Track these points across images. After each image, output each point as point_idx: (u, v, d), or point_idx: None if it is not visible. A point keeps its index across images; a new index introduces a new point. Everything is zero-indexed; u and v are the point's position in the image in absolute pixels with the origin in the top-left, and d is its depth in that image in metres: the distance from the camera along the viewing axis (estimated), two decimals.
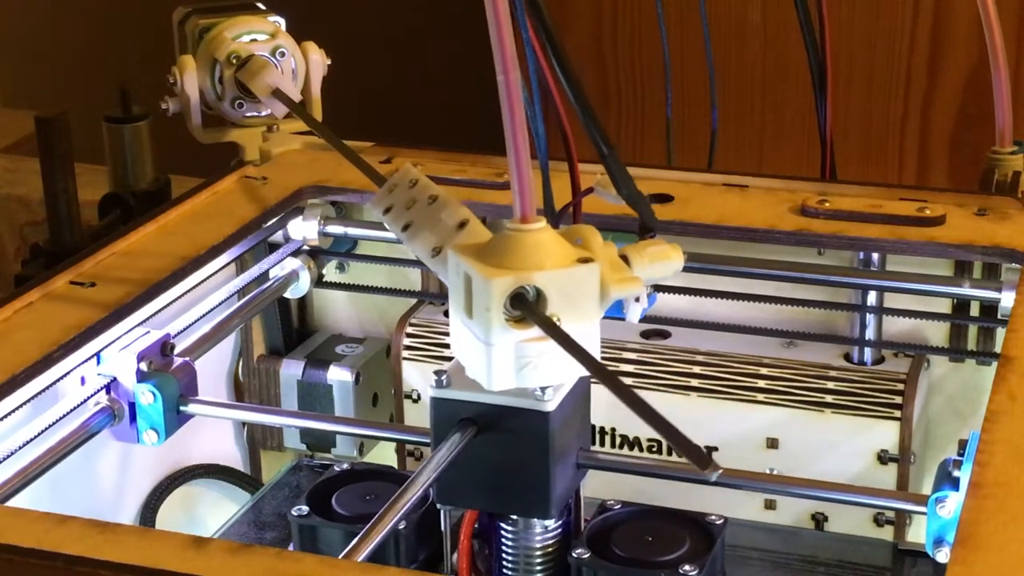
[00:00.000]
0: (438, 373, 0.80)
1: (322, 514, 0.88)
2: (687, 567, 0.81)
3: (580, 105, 0.78)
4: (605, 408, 0.83)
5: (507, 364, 0.71)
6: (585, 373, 0.72)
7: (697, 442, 1.03)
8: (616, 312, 0.75)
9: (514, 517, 0.83)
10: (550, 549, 0.84)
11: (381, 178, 0.96)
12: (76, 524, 0.73)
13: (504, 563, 0.84)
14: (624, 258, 0.77)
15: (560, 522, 0.84)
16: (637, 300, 0.75)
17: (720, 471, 0.64)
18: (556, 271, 0.70)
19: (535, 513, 0.82)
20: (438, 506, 0.83)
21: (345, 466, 0.93)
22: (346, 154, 1.02)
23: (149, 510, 1.04)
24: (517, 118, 0.68)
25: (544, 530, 0.83)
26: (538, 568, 0.84)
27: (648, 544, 0.83)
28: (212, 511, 1.11)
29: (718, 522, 0.85)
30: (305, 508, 0.88)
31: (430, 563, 0.87)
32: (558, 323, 0.70)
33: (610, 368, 0.81)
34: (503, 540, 0.84)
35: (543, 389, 0.78)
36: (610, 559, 0.82)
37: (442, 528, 0.84)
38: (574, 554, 0.82)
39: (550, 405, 0.78)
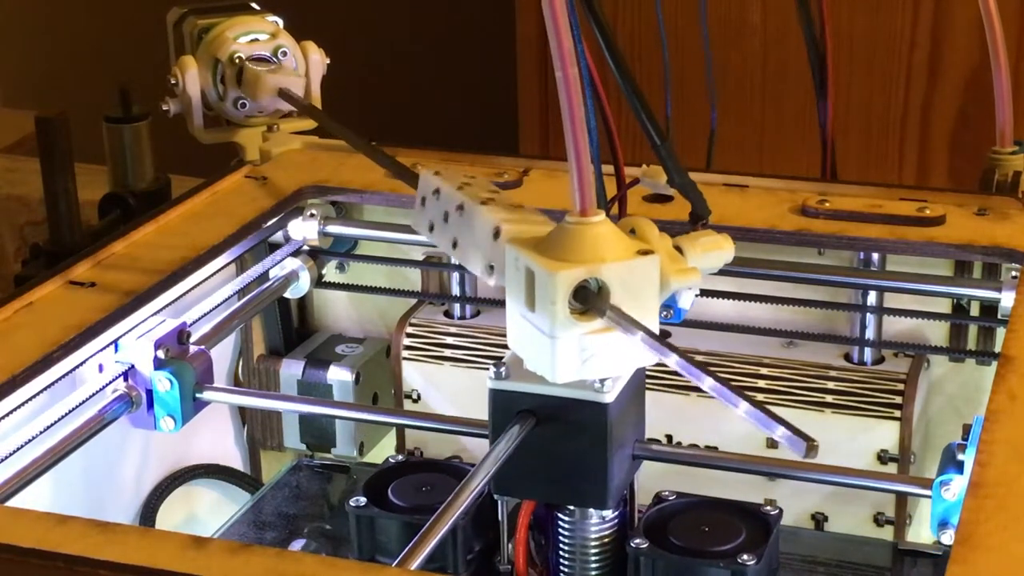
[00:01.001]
0: (496, 365, 0.81)
1: (379, 505, 0.89)
2: (745, 556, 0.81)
3: (635, 97, 0.79)
4: None
5: (572, 357, 0.72)
6: (645, 363, 0.73)
7: (697, 442, 1.04)
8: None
9: (571, 508, 0.84)
10: (607, 539, 0.84)
11: (401, 167, 0.96)
12: (76, 524, 0.73)
13: (561, 553, 0.85)
14: (678, 249, 0.78)
15: (616, 513, 0.84)
16: (690, 288, 0.76)
17: (817, 446, 0.64)
18: (619, 263, 0.71)
19: (593, 504, 0.82)
20: (495, 497, 0.84)
21: (400, 458, 0.93)
22: (366, 150, 1.02)
23: (149, 510, 1.04)
24: (576, 113, 0.69)
25: (601, 520, 0.84)
26: (594, 558, 0.84)
27: (705, 534, 0.84)
28: (212, 511, 1.11)
29: (773, 513, 0.85)
30: (363, 499, 0.89)
31: (486, 553, 0.88)
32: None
33: None
34: (560, 531, 0.84)
35: (602, 381, 0.78)
36: (668, 549, 0.83)
37: (499, 519, 0.85)
38: (633, 544, 0.83)
39: (609, 396, 0.79)
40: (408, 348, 1.10)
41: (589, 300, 0.71)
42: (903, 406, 1.00)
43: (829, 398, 1.01)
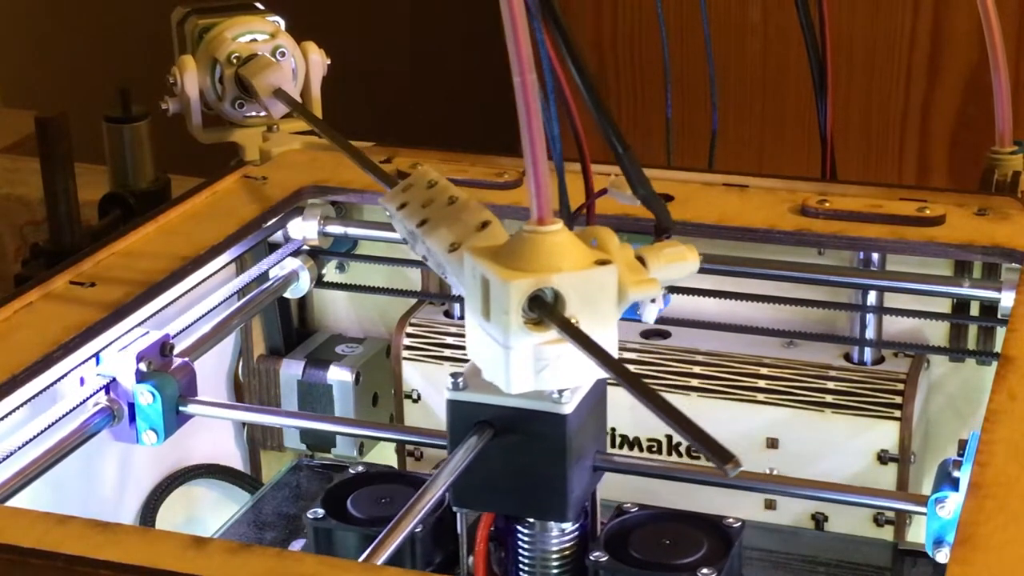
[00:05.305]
0: (454, 375, 0.80)
1: (337, 516, 0.88)
2: (705, 570, 0.80)
3: (595, 105, 0.78)
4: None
5: (526, 367, 0.71)
6: (603, 375, 0.72)
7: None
8: (629, 313, 0.75)
9: (531, 520, 0.83)
10: (567, 552, 0.83)
11: (387, 176, 0.97)
12: (76, 524, 0.73)
13: (521, 566, 0.84)
14: (640, 259, 0.77)
15: (577, 525, 0.83)
16: (653, 301, 0.75)
17: (741, 467, 0.63)
18: (574, 273, 0.70)
19: (552, 516, 0.81)
20: (454, 509, 0.83)
21: (360, 468, 0.93)
22: (351, 153, 1.02)
23: (149, 510, 1.04)
24: (534, 120, 0.68)
25: (561, 533, 0.83)
26: (555, 571, 0.83)
27: (666, 547, 0.83)
28: (212, 511, 1.11)
29: (735, 525, 0.84)
30: (320, 511, 0.88)
31: (446, 566, 0.87)
32: (576, 325, 0.70)
33: None
34: (520, 543, 0.83)
35: (560, 392, 0.77)
36: (628, 562, 0.82)
37: (458, 531, 0.84)
38: (592, 557, 0.82)
39: (567, 408, 0.78)
40: (408, 348, 1.10)
41: (543, 310, 0.69)
42: (903, 406, 1.00)
43: (829, 398, 1.01)
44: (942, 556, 0.79)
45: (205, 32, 1.16)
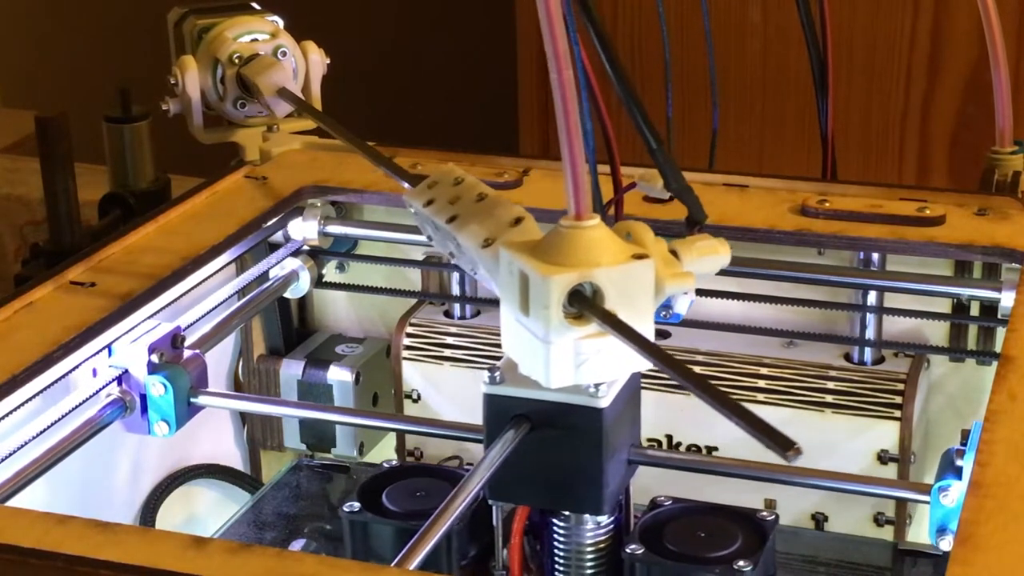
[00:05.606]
0: (491, 369, 0.80)
1: (373, 510, 0.88)
2: (741, 563, 0.81)
3: (630, 101, 0.78)
4: None
5: (565, 361, 0.71)
6: (640, 368, 0.73)
7: (698, 442, 1.04)
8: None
9: (567, 513, 0.83)
10: (602, 545, 0.84)
11: (402, 171, 0.97)
12: (76, 524, 0.73)
13: (556, 559, 0.84)
14: (673, 253, 0.78)
15: (612, 518, 0.84)
16: (685, 293, 0.76)
17: (801, 454, 0.63)
18: (614, 267, 0.70)
19: (588, 509, 0.82)
20: (490, 502, 0.83)
21: (394, 462, 0.93)
22: (364, 150, 1.02)
23: (149, 510, 1.04)
24: (571, 116, 0.69)
25: (596, 526, 0.83)
26: (590, 564, 0.84)
27: (700, 540, 0.83)
28: (212, 511, 1.11)
29: (769, 518, 0.85)
30: (356, 504, 0.88)
31: (480, 559, 0.87)
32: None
33: None
34: (555, 536, 0.84)
35: (597, 385, 0.78)
36: (663, 555, 0.82)
37: (494, 524, 0.84)
38: (628, 550, 0.82)
39: (604, 401, 0.78)
40: (408, 348, 1.10)
41: (583, 304, 0.70)
42: (903, 406, 1.00)
43: (829, 398, 1.01)
44: (946, 544, 0.79)
45: (204, 32, 1.16)
